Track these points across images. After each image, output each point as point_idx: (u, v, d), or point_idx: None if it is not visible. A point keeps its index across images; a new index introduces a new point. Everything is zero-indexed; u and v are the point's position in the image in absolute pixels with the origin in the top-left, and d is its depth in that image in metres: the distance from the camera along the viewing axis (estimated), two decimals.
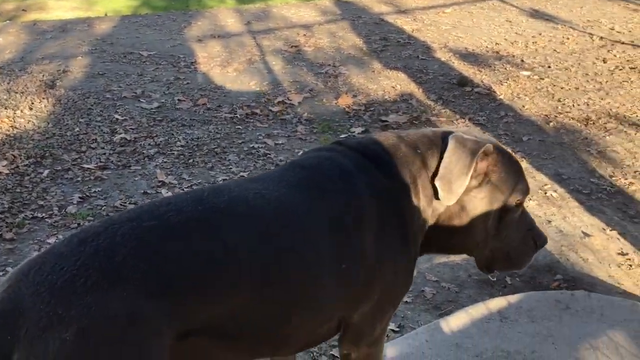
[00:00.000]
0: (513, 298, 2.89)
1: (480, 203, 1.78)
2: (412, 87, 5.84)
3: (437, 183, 1.73)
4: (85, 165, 4.17)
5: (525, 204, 3.85)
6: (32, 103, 5.10)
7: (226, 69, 6.18)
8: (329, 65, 6.38)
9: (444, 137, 1.79)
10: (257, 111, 5.23)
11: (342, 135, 4.83)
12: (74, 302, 1.20)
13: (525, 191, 1.87)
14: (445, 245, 1.90)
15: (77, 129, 4.71)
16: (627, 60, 6.57)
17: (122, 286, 1.25)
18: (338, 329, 1.75)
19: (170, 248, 1.35)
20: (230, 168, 4.25)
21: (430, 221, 1.80)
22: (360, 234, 1.61)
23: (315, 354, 2.66)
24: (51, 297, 1.21)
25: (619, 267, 3.33)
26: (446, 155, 1.72)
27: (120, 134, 4.64)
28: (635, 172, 4.36)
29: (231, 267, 1.42)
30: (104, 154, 4.35)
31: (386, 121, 5.12)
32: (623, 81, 6.04)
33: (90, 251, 1.29)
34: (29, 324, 1.18)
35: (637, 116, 5.27)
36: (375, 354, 1.84)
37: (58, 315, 1.18)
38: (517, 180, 1.84)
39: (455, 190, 1.72)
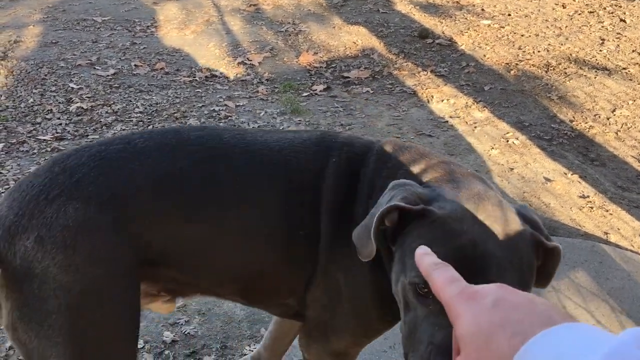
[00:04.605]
0: None
1: (394, 268, 1.36)
2: (373, 42, 5.78)
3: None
4: (41, 137, 4.07)
5: (487, 154, 3.92)
6: None
7: (184, 32, 6.04)
8: (289, 23, 6.28)
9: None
10: (217, 73, 5.14)
11: (305, 94, 4.78)
12: (35, 213, 1.39)
13: (422, 277, 1.07)
14: None
15: (31, 100, 4.58)
16: (586, 5, 6.57)
17: (77, 199, 1.41)
18: (296, 313, 1.71)
19: (127, 167, 1.47)
20: None
21: None
22: (307, 206, 1.57)
23: None
24: (19, 210, 1.40)
25: (580, 209, 3.38)
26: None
27: (76, 103, 4.53)
28: (595, 115, 4.40)
29: (180, 189, 1.49)
30: (60, 124, 4.24)
31: (348, 77, 5.07)
32: (582, 25, 6.05)
33: (57, 170, 1.45)
34: (4, 232, 1.39)
35: (596, 60, 5.29)
36: None
37: (22, 226, 1.38)
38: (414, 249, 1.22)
39: (362, 250, 1.36)
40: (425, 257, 0.85)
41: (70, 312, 1.40)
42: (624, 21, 6.12)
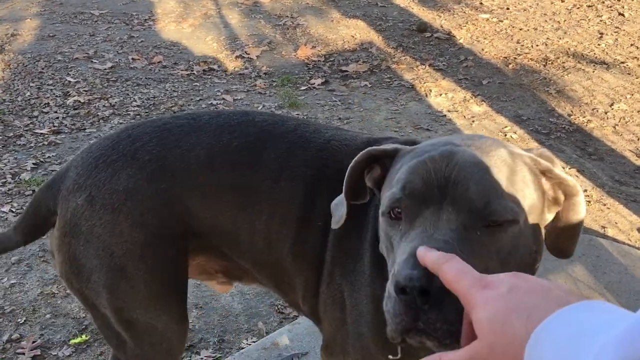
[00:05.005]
0: None
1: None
2: (371, 35, 5.77)
3: None
4: (38, 131, 4.06)
5: None
6: None
7: (181, 25, 6.02)
8: (287, 16, 6.26)
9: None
10: (215, 67, 5.13)
11: (303, 88, 4.77)
12: (92, 175, 1.48)
13: (390, 197, 1.06)
14: None
15: (28, 93, 4.57)
16: None
17: (132, 166, 1.48)
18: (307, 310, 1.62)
19: (184, 141, 1.52)
20: None
21: None
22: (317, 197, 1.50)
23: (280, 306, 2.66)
24: (81, 169, 1.51)
25: None
26: None
27: (73, 96, 4.52)
28: (593, 109, 4.39)
29: (229, 166, 1.52)
30: (57, 117, 4.23)
31: (346, 71, 5.06)
32: (580, 19, 6.04)
33: (123, 136, 1.54)
34: (63, 188, 1.51)
35: (594, 54, 5.29)
36: None
37: (79, 184, 1.49)
38: (390, 181, 1.14)
39: (335, 213, 1.28)
40: (429, 252, 0.84)
41: (112, 273, 1.49)
42: (623, 15, 6.11)
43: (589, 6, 6.35)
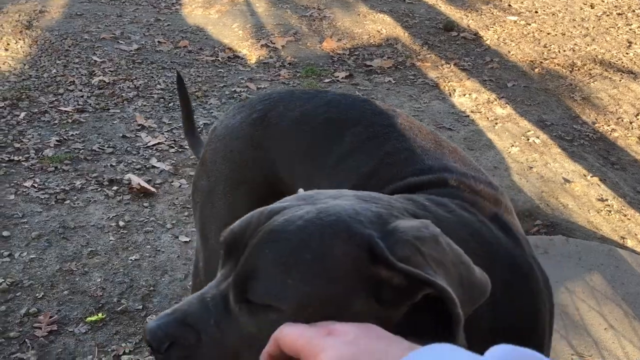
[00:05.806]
0: None
1: None
2: (397, 31, 5.75)
3: None
4: (63, 108, 4.08)
5: (507, 151, 3.90)
6: (8, 44, 4.96)
7: (208, 11, 6.03)
8: (314, 8, 6.25)
9: None
10: (240, 54, 5.13)
11: (326, 80, 4.76)
12: (228, 115, 1.76)
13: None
14: None
15: (54, 70, 4.60)
16: (615, 6, 6.49)
17: (247, 111, 1.70)
18: None
19: (294, 104, 1.65)
20: (212, 112, 4.18)
21: None
22: None
23: None
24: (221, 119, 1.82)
25: (598, 212, 3.35)
26: None
27: (99, 76, 4.54)
28: (618, 118, 4.35)
29: (310, 135, 1.59)
30: (82, 96, 4.26)
31: (371, 66, 5.05)
32: (609, 27, 5.98)
33: (255, 97, 1.82)
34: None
35: (622, 62, 5.23)
36: None
37: (214, 129, 1.78)
38: None
39: None
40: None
41: (204, 194, 1.74)
42: None
43: (619, 14, 6.28)
